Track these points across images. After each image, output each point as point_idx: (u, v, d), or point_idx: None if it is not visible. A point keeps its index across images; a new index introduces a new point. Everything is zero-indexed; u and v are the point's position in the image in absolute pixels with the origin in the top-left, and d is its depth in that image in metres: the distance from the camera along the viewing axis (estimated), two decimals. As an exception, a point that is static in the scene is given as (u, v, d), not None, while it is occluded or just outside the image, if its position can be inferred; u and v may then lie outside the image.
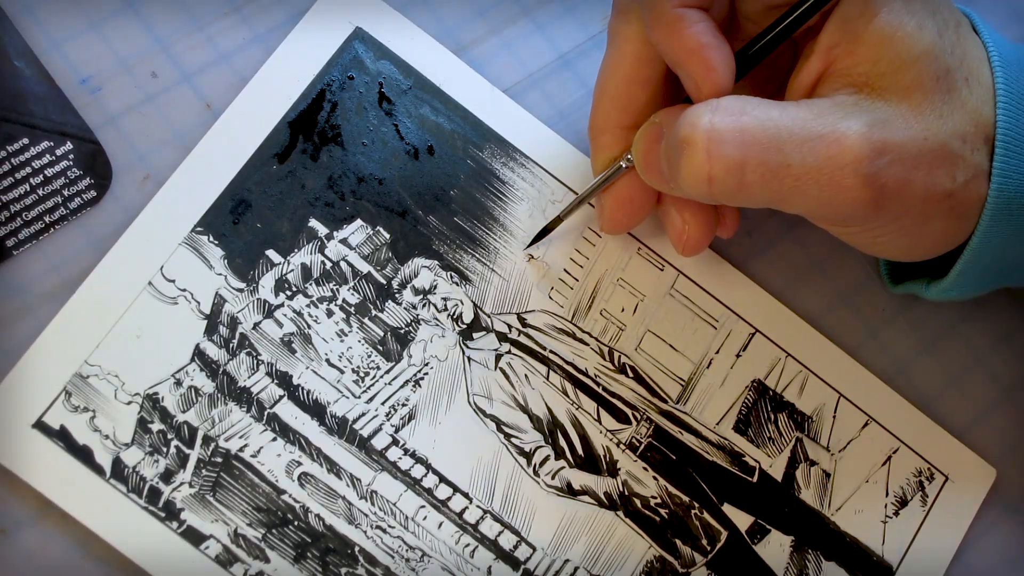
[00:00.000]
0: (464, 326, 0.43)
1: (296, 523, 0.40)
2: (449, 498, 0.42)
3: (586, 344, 0.44)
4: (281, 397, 0.41)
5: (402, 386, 0.42)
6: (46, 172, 0.41)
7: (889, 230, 0.39)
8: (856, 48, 0.38)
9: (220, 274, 0.42)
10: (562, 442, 0.43)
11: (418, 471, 0.42)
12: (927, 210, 0.38)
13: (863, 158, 0.36)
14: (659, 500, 0.43)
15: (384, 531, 0.41)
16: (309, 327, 0.42)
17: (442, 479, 0.42)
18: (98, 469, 0.39)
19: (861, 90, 0.38)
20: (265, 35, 0.45)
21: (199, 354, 0.41)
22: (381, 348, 0.42)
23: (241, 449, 0.41)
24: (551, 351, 0.44)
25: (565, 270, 0.45)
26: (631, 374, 0.44)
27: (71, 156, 0.42)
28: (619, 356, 0.44)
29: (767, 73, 0.42)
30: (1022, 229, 0.39)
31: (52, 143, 0.41)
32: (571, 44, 0.47)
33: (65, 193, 0.41)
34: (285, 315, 0.42)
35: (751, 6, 0.40)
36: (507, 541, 0.42)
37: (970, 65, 0.39)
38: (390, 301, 0.43)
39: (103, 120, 0.42)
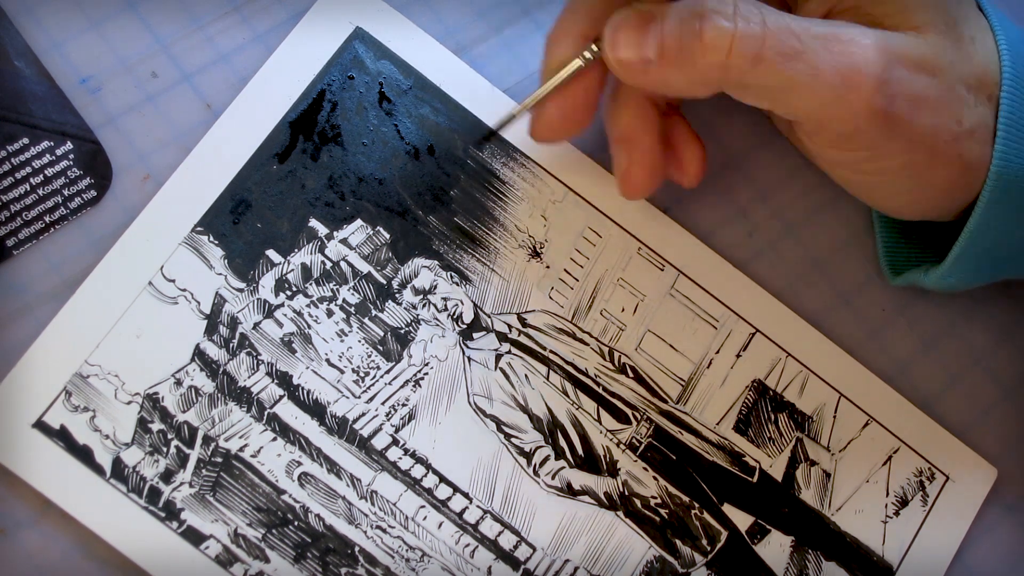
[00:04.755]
0: (464, 326, 0.43)
1: (296, 523, 0.40)
2: (449, 498, 0.42)
3: (586, 344, 0.44)
4: (281, 397, 0.41)
5: (402, 386, 0.42)
6: (46, 172, 0.41)
7: (896, 164, 0.39)
8: None
9: (220, 274, 0.42)
10: (562, 442, 0.43)
11: (418, 471, 0.42)
12: (935, 148, 0.39)
13: (878, 62, 0.37)
14: (659, 500, 0.43)
15: (384, 531, 0.41)
16: (309, 327, 0.42)
17: (442, 479, 0.42)
18: (98, 469, 0.39)
19: (875, 25, 0.39)
20: (265, 35, 0.45)
21: (199, 354, 0.41)
22: (381, 348, 0.42)
23: (241, 449, 0.40)
24: (551, 351, 0.44)
25: (565, 270, 0.45)
26: (631, 374, 0.44)
27: (71, 156, 0.42)
28: (619, 356, 0.44)
29: None
30: (1021, 213, 0.40)
31: (52, 143, 0.41)
32: (571, 44, 0.47)
33: (65, 193, 0.41)
34: (285, 315, 0.42)
35: None
36: (507, 541, 0.42)
37: (973, 27, 0.40)
38: (390, 301, 0.43)
39: (103, 120, 0.42)
